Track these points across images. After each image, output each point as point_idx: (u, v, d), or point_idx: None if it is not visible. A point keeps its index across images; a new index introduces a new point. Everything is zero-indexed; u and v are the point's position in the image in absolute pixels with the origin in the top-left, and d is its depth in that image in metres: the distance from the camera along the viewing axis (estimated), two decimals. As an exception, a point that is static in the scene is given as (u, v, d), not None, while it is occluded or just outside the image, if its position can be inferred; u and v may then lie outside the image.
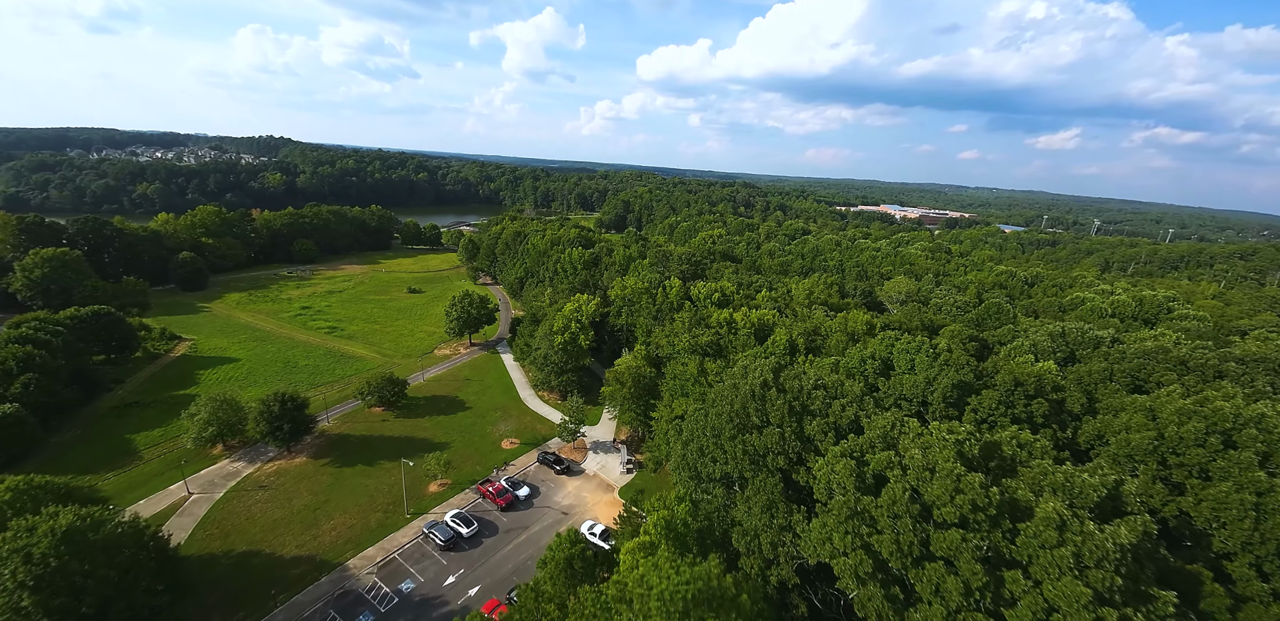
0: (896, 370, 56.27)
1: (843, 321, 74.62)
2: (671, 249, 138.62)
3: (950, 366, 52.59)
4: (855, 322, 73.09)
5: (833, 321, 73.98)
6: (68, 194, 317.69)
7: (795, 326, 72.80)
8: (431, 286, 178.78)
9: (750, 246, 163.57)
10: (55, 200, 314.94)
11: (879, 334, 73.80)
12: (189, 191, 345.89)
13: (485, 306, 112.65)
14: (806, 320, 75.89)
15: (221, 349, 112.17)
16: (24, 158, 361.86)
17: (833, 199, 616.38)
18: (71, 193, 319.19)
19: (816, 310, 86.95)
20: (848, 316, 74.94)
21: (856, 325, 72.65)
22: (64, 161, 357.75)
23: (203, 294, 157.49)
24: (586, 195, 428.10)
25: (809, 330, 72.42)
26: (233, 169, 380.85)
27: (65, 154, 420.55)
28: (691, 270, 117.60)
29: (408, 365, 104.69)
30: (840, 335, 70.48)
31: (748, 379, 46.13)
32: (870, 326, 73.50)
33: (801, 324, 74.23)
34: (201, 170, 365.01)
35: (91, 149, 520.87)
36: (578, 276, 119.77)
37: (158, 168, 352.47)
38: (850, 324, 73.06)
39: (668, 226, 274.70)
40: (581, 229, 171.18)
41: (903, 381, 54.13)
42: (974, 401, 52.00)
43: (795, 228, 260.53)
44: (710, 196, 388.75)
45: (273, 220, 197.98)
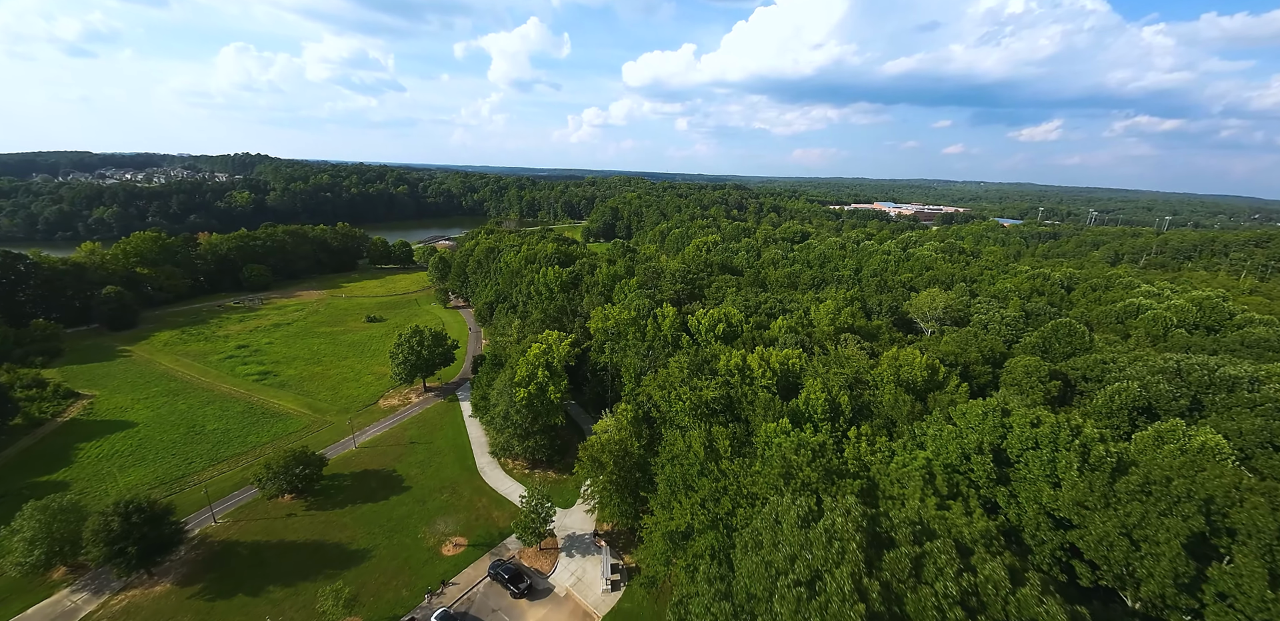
0: (1021, 472, 36.69)
1: (891, 364, 55.73)
2: (664, 264, 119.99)
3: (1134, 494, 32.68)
4: (910, 366, 54.20)
5: (880, 366, 54.97)
6: (19, 221, 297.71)
7: (830, 374, 53.83)
8: (394, 313, 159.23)
9: (750, 255, 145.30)
10: (6, 228, 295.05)
11: (947, 381, 54.89)
12: (150, 214, 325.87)
13: (441, 343, 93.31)
14: (843, 364, 56.92)
15: (122, 409, 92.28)
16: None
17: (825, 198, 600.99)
18: (24, 220, 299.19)
19: (849, 343, 68.09)
20: (897, 358, 56.05)
21: (913, 370, 53.76)
22: (20, 187, 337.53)
23: (130, 334, 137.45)
24: (574, 203, 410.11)
25: (850, 378, 53.46)
26: (198, 189, 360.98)
27: (26, 180, 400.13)
28: (688, 289, 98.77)
29: (341, 424, 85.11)
30: (893, 386, 51.54)
31: (817, 552, 26.54)
32: (931, 370, 54.60)
33: (838, 369, 55.25)
34: (163, 191, 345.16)
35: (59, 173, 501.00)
36: (553, 302, 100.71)
37: (116, 190, 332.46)
38: (904, 367, 54.14)
39: (659, 233, 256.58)
40: (562, 242, 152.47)
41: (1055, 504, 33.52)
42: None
43: (794, 230, 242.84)
44: (702, 200, 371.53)
45: (220, 244, 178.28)
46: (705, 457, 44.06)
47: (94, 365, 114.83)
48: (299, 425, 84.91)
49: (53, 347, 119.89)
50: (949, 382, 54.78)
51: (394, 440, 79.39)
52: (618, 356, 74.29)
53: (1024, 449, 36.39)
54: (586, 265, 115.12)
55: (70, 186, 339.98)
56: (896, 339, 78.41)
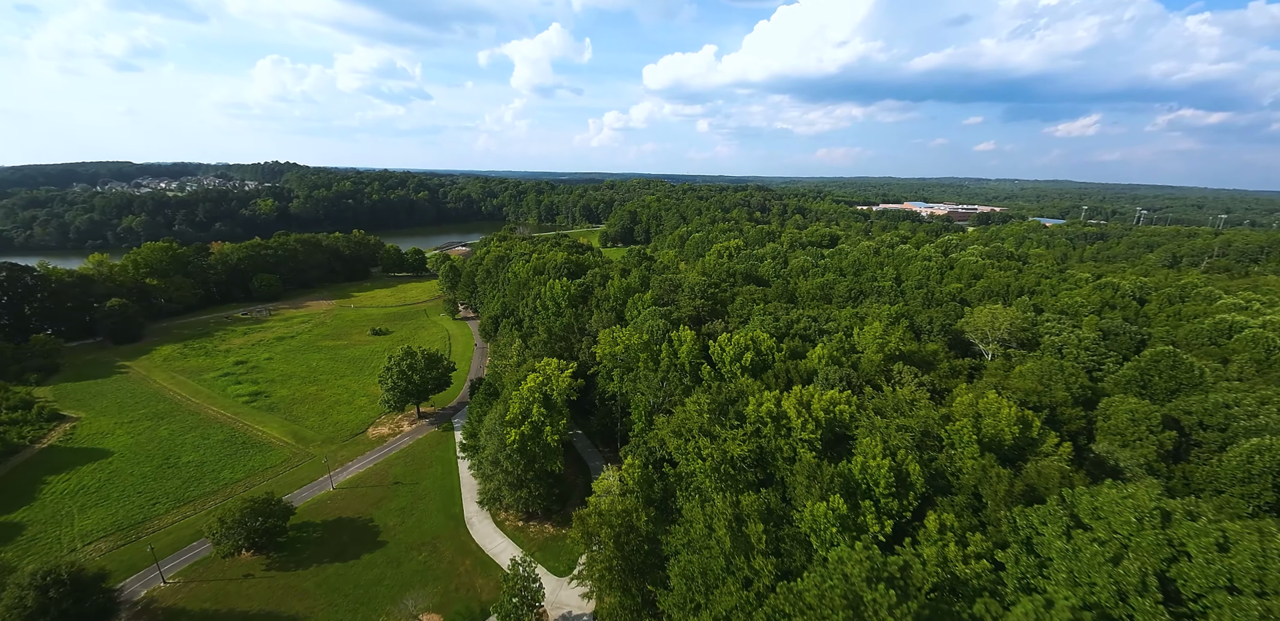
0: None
1: (967, 412, 44.00)
2: (683, 275, 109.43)
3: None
4: (994, 417, 42.44)
5: (955, 421, 43.27)
6: (51, 230, 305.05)
7: (891, 428, 42.51)
8: (401, 325, 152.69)
9: (777, 262, 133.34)
10: (39, 237, 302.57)
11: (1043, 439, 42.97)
12: (177, 222, 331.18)
13: (436, 366, 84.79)
14: (904, 410, 45.46)
15: (102, 435, 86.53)
16: (18, 194, 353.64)
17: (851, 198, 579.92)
18: (56, 229, 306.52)
19: (903, 376, 56.40)
20: (975, 405, 44.27)
21: (997, 422, 42.03)
22: (56, 197, 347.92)
23: (133, 348, 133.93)
24: (592, 207, 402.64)
25: (916, 434, 42.08)
26: (224, 197, 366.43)
27: (64, 189, 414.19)
28: (709, 306, 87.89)
29: (326, 456, 77.19)
30: (975, 448, 39.98)
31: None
32: (1024, 423, 42.72)
33: (899, 418, 43.89)
34: (190, 200, 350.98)
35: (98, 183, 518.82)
36: (560, 318, 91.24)
37: (145, 199, 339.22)
38: (987, 419, 42.46)
39: (678, 238, 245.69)
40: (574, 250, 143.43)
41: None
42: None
43: (821, 233, 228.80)
44: (723, 202, 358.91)
45: (231, 253, 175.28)
46: (732, 549, 33.47)
47: (89, 382, 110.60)
48: (278, 458, 77.30)
49: (51, 363, 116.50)
50: (1045, 440, 42.86)
51: (377, 479, 70.83)
52: (628, 386, 64.14)
53: (1210, 587, 24.68)
54: (598, 276, 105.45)
55: (103, 196, 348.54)
56: (957, 368, 66.17)
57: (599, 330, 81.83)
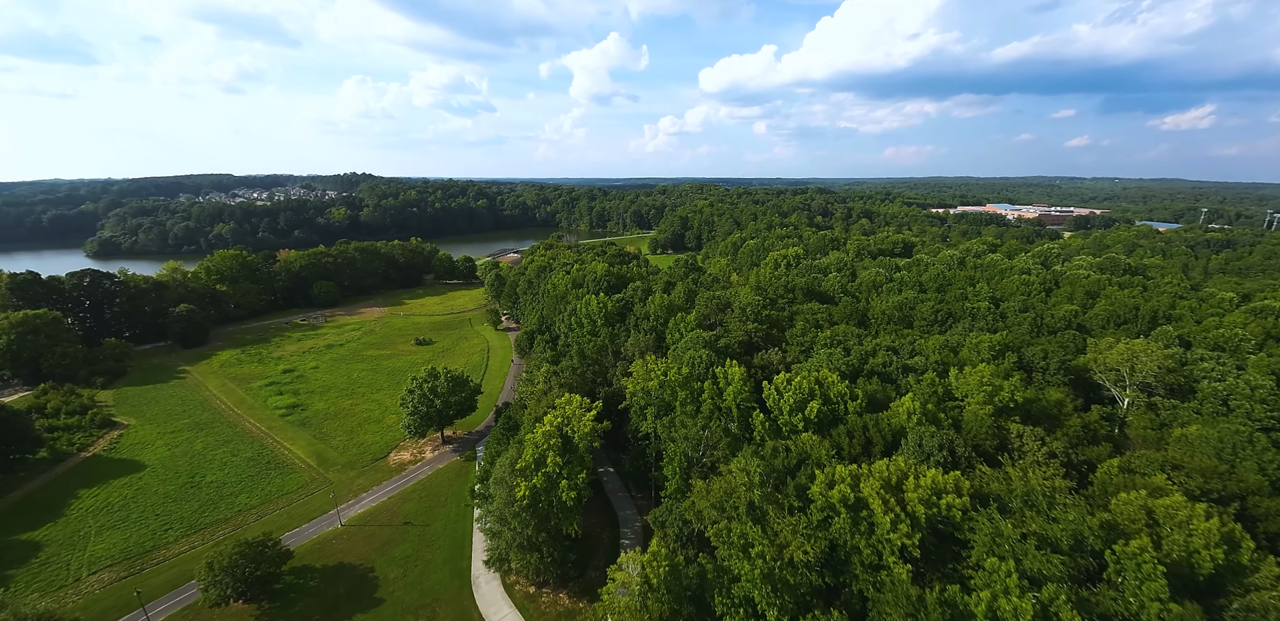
0: None
1: (1140, 517, 30.39)
2: (734, 290, 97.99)
3: None
4: (1184, 531, 28.75)
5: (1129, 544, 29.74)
6: (154, 237, 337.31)
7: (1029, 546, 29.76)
8: (445, 335, 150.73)
9: (843, 275, 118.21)
10: (142, 243, 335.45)
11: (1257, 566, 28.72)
12: (261, 230, 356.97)
13: (461, 389, 78.68)
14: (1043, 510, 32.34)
15: (142, 445, 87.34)
16: (129, 204, 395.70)
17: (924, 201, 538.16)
18: (157, 235, 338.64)
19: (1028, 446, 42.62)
20: (1153, 512, 30.60)
21: (1191, 540, 28.33)
22: (160, 207, 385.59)
23: (197, 352, 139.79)
24: (643, 213, 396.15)
25: (1068, 556, 29.10)
26: (302, 206, 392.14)
27: (170, 199, 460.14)
28: (762, 331, 76.12)
29: (342, 485, 72.65)
30: (1161, 584, 26.62)
31: None
32: (1229, 542, 28.70)
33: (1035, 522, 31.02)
34: (274, 209, 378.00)
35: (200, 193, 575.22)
36: (595, 338, 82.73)
37: (235, 209, 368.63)
38: (1173, 535, 28.81)
39: (730, 245, 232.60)
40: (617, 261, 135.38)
41: None
42: None
43: (893, 240, 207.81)
44: (780, 206, 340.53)
45: (294, 261, 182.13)
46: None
47: (149, 387, 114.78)
48: (296, 483, 73.57)
49: (119, 367, 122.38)
50: (1260, 567, 28.52)
51: (387, 516, 64.86)
52: (662, 431, 54.07)
53: None
54: (639, 291, 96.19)
55: (200, 205, 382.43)
56: (1092, 426, 50.81)
57: (635, 354, 72.32)
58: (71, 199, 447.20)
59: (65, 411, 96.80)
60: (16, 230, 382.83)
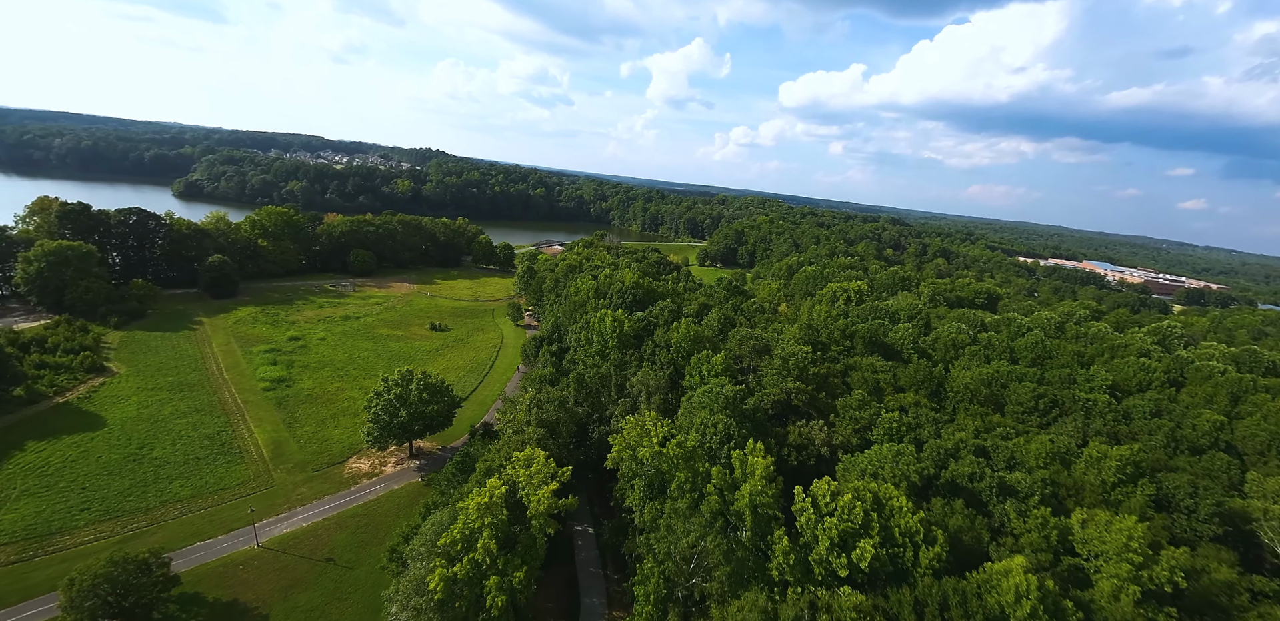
0: None
1: None
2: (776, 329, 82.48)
3: None
4: None
5: None
6: (233, 185, 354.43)
7: None
8: (463, 323, 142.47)
9: (915, 326, 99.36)
10: (222, 189, 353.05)
11: None
12: (329, 191, 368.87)
13: (438, 398, 67.83)
14: None
15: (116, 400, 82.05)
16: (221, 152, 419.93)
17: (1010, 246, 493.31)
18: (236, 184, 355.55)
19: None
20: None
21: None
22: (246, 158, 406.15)
23: (222, 303, 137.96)
24: (698, 221, 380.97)
25: None
26: (371, 174, 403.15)
27: (258, 153, 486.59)
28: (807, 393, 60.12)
29: (284, 489, 63.27)
30: None
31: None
32: None
33: None
34: (344, 173, 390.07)
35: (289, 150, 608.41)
36: (603, 362, 69.83)
37: (309, 168, 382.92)
38: None
39: (785, 268, 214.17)
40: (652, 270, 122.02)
41: None
42: None
43: (975, 289, 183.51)
44: (847, 233, 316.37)
45: (336, 226, 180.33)
46: None
47: (158, 334, 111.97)
48: (238, 478, 64.84)
49: (139, 309, 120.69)
50: None
51: (311, 545, 54.43)
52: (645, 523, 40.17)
53: None
54: (666, 312, 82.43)
55: (280, 162, 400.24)
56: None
57: (640, 393, 58.67)
58: (175, 141, 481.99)
59: (64, 349, 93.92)
60: (122, 163, 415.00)
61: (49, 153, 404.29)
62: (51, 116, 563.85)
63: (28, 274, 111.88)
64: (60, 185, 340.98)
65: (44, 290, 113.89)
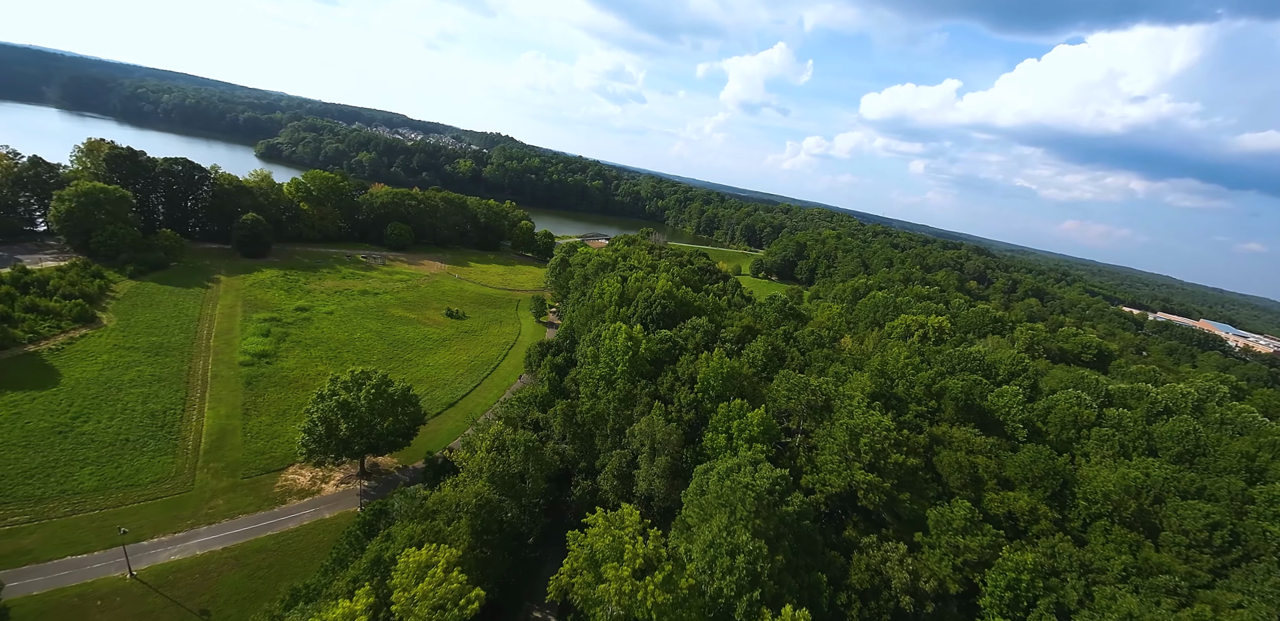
0: None
1: None
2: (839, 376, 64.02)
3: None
4: None
5: None
6: (308, 151, 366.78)
7: None
8: (483, 313, 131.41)
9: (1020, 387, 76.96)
10: (299, 154, 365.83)
11: None
12: (394, 165, 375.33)
13: (396, 410, 54.72)
14: None
15: (85, 355, 75.20)
16: (306, 120, 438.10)
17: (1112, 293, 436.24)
18: (311, 151, 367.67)
19: None
20: None
21: None
22: (326, 128, 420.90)
23: (250, 262, 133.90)
24: (756, 228, 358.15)
25: None
26: (436, 152, 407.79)
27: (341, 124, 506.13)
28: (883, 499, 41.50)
29: (201, 495, 52.14)
30: None
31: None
32: None
33: None
34: (411, 149, 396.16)
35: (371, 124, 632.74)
36: (609, 391, 54.45)
37: (380, 141, 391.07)
38: None
39: (850, 290, 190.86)
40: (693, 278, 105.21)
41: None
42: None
43: (1080, 341, 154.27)
44: (924, 258, 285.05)
45: (378, 197, 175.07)
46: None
47: (169, 288, 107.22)
48: (154, 474, 54.37)
49: (162, 260, 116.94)
50: None
51: (196, 582, 42.45)
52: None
53: None
54: (699, 333, 65.86)
55: (355, 133, 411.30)
56: None
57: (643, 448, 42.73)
58: (270, 107, 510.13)
59: (62, 293, 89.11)
60: (219, 122, 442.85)
61: (157, 107, 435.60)
62: (170, 76, 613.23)
63: (59, 213, 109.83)
64: (161, 136, 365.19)
65: (72, 231, 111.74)
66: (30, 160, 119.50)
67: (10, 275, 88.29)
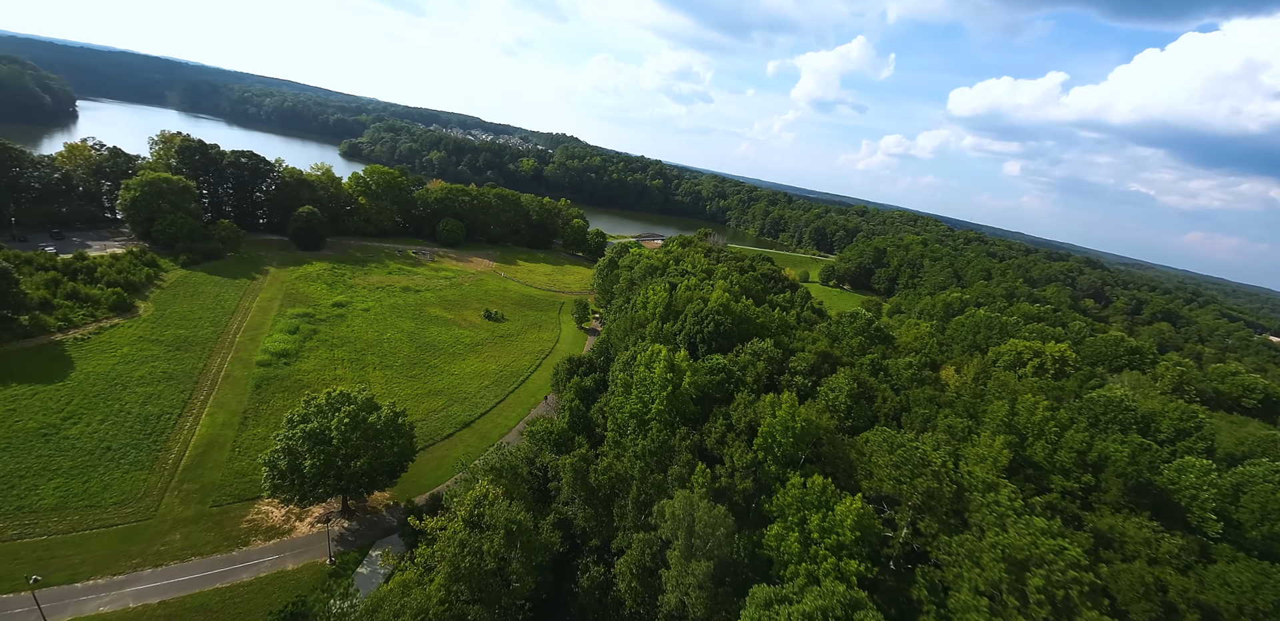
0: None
1: None
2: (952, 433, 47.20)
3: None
4: None
5: None
6: (384, 150, 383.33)
7: None
8: (524, 315, 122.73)
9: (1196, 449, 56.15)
10: (376, 153, 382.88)
11: None
12: (462, 164, 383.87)
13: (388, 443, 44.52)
14: None
15: (106, 347, 72.58)
16: (387, 121, 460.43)
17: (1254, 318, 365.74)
18: (387, 150, 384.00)
19: None
20: None
21: None
22: (403, 129, 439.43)
23: (303, 255, 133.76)
24: (827, 232, 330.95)
25: None
26: (501, 151, 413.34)
27: (419, 125, 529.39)
28: None
29: (160, 525, 44.69)
30: None
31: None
32: None
33: None
34: (478, 147, 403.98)
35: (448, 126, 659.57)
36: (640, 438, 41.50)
37: (450, 141, 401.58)
38: None
39: (941, 305, 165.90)
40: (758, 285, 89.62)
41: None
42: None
43: (1242, 383, 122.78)
44: (1028, 270, 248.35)
45: (431, 193, 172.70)
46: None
47: (215, 278, 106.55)
48: (117, 495, 47.74)
49: (219, 249, 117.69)
50: None
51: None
52: None
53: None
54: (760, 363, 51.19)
55: (428, 133, 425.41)
56: None
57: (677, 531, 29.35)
58: (357, 110, 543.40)
59: (106, 280, 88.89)
60: (312, 124, 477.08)
61: (260, 110, 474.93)
62: (274, 82, 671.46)
63: (125, 201, 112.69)
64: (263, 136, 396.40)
65: (136, 219, 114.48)
66: (110, 151, 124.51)
67: (63, 261, 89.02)
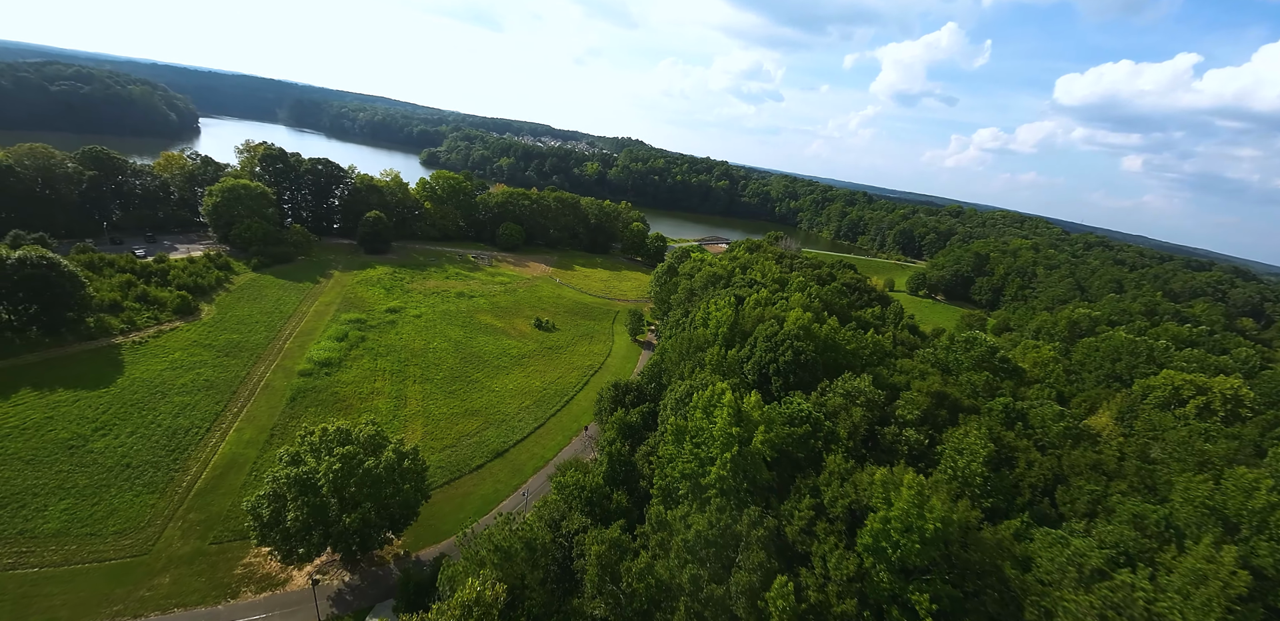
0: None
1: None
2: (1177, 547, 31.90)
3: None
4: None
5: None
6: (459, 157, 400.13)
7: None
8: (575, 324, 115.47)
9: None
10: (451, 161, 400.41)
11: None
12: (529, 169, 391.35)
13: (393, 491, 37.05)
14: None
15: (160, 351, 72.75)
16: (463, 131, 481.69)
17: None
18: (462, 157, 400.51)
19: None
20: None
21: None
22: (478, 137, 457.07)
23: (368, 258, 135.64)
24: (915, 235, 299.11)
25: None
26: (566, 155, 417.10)
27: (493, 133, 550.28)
28: None
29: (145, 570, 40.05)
30: None
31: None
32: None
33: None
34: (544, 153, 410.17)
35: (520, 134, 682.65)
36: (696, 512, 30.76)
37: (518, 147, 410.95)
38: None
39: (1065, 323, 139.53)
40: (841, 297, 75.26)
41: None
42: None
43: None
44: (1166, 281, 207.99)
45: (493, 197, 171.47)
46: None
47: (281, 282, 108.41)
48: (119, 523, 44.00)
49: (290, 253, 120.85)
50: None
51: None
52: None
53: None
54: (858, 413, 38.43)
55: (499, 141, 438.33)
56: None
57: None
58: (438, 121, 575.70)
59: (177, 283, 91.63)
60: (398, 135, 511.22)
61: (354, 123, 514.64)
62: (368, 99, 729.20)
63: (208, 206, 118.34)
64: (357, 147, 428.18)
65: (217, 223, 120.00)
66: (203, 160, 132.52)
67: (141, 264, 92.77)
